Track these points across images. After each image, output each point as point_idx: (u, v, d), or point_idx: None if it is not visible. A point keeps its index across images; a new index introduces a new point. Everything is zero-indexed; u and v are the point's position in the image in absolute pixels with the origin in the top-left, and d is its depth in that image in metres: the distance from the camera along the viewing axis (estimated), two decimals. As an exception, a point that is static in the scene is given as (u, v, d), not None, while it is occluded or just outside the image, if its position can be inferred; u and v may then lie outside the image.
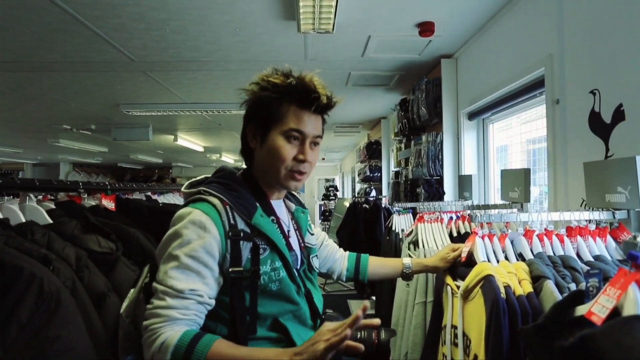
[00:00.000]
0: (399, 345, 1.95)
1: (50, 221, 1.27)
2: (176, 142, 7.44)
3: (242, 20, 2.53)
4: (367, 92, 4.36)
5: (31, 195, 1.38)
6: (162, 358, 0.83)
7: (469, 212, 2.07)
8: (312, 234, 1.21)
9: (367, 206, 4.04)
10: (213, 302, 0.93)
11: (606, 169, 1.36)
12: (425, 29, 2.55)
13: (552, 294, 0.95)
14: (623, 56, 1.44)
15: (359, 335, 1.00)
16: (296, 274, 1.02)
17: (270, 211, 1.05)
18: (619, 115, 1.45)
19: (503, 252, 1.23)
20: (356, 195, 6.99)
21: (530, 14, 2.12)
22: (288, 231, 1.10)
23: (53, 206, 1.40)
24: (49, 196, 1.55)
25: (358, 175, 7.64)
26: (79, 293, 0.99)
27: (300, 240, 1.13)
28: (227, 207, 0.96)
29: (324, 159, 12.77)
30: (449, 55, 3.17)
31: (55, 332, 0.88)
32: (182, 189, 1.05)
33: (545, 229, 1.29)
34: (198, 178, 1.09)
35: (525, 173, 1.84)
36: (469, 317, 1.12)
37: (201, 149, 9.02)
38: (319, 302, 1.11)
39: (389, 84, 4.00)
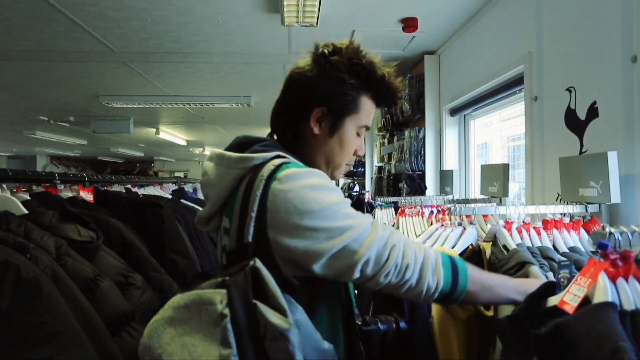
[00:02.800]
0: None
1: (26, 212, 1.24)
2: (158, 136, 7.32)
3: (226, 11, 2.50)
4: (351, 88, 4.37)
5: (4, 186, 1.34)
6: (438, 268, 0.80)
7: (449, 205, 2.11)
8: None
9: (350, 201, 4.06)
10: None
11: (580, 164, 1.40)
12: (409, 24, 2.57)
13: (537, 276, 0.99)
14: (597, 55, 1.48)
15: (374, 327, 0.94)
16: None
17: None
18: (593, 112, 1.49)
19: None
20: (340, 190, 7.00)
21: (510, 13, 2.16)
22: None
23: (28, 197, 1.36)
24: (22, 187, 1.51)
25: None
26: (62, 279, 0.97)
27: None
28: None
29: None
30: (432, 51, 3.20)
31: (40, 318, 0.85)
32: (217, 152, 0.89)
33: (524, 222, 1.32)
34: (242, 141, 0.91)
35: (504, 168, 1.88)
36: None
37: (184, 143, 8.90)
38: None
39: (373, 80, 4.01)
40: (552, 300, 0.79)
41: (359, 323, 0.95)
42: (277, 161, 0.80)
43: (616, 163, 1.27)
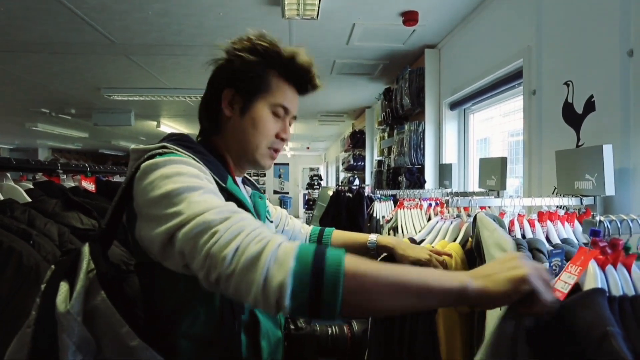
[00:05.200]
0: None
1: (30, 200, 1.26)
2: (159, 129, 7.33)
3: (227, 4, 2.50)
4: (352, 81, 4.38)
5: (8, 175, 1.36)
6: (283, 261, 0.58)
7: (447, 198, 2.13)
8: (272, 222, 1.11)
9: (350, 195, 4.08)
10: None
11: (576, 157, 1.42)
12: (409, 18, 2.57)
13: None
14: (594, 49, 1.49)
15: (330, 332, 0.93)
16: None
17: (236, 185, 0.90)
18: (589, 106, 1.50)
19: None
20: (340, 183, 7.03)
21: (510, 7, 2.16)
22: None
23: (31, 186, 1.38)
24: (26, 176, 1.53)
25: (342, 165, 7.68)
26: (60, 268, 0.99)
27: None
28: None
29: (308, 148, 12.77)
30: (432, 45, 3.20)
31: (39, 305, 0.87)
32: (132, 147, 0.82)
33: (518, 214, 1.34)
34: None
35: (502, 161, 1.89)
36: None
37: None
38: None
39: (374, 73, 4.01)
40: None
41: (292, 327, 0.96)
42: (153, 152, 0.77)
43: (611, 156, 1.29)
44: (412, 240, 1.33)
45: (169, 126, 7.48)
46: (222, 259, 0.59)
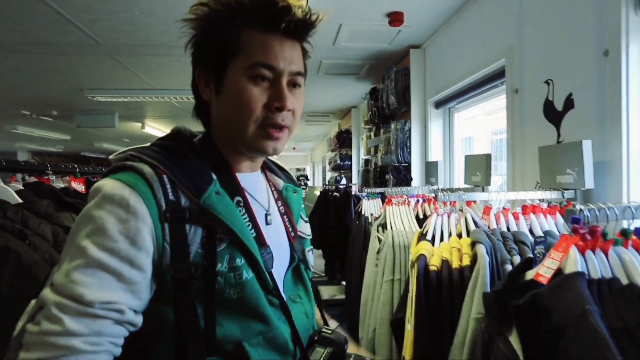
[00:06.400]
0: (367, 323, 2.04)
1: (20, 201, 1.26)
2: (143, 130, 7.25)
3: (214, 4, 2.51)
4: (338, 81, 4.42)
5: (-2, 176, 1.36)
6: None
7: (435, 194, 2.18)
8: (306, 221, 0.92)
9: (337, 194, 4.12)
10: (140, 320, 0.63)
11: (557, 152, 1.48)
12: (395, 18, 2.62)
13: (482, 256, 1.08)
14: (573, 49, 1.56)
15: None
16: (268, 277, 0.71)
17: (234, 189, 0.74)
18: (569, 103, 1.57)
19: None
20: (327, 183, 7.07)
21: (493, 8, 2.22)
22: (267, 215, 0.79)
23: (21, 187, 1.38)
24: (15, 177, 1.52)
25: (329, 164, 7.72)
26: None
27: (290, 229, 0.83)
28: (165, 176, 0.66)
29: (294, 148, 12.79)
30: (417, 45, 3.26)
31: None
32: (111, 157, 0.73)
33: (503, 208, 1.39)
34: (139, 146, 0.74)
35: (487, 158, 1.95)
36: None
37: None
38: (303, 318, 0.78)
39: (360, 73, 4.06)
40: (529, 274, 0.85)
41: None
42: (111, 167, 0.69)
43: (590, 151, 1.35)
44: (423, 237, 1.35)
45: (153, 127, 7.41)
46: (21, 353, 0.56)
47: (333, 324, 0.85)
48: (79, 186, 1.61)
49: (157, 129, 7.60)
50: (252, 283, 0.69)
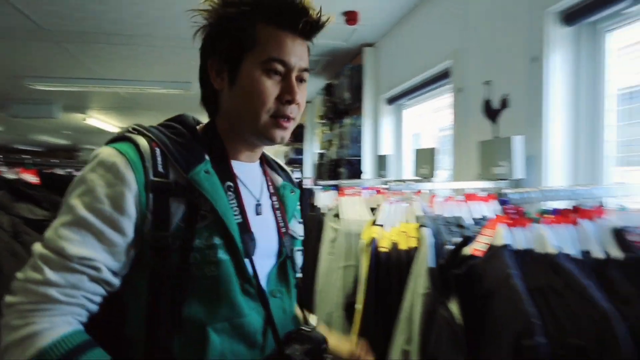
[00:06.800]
0: (322, 308, 2.15)
1: (-28, 191, 1.22)
2: (86, 122, 6.90)
3: (169, -6, 2.48)
4: (294, 76, 4.47)
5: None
6: (19, 358, 0.59)
7: (385, 186, 2.32)
8: (301, 223, 0.93)
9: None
10: (117, 281, 0.68)
11: (493, 146, 1.65)
12: (351, 17, 2.73)
13: (426, 237, 1.24)
14: (508, 54, 1.74)
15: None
16: (247, 264, 0.73)
17: (226, 174, 0.76)
18: (504, 103, 1.75)
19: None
20: (281, 178, 7.12)
21: (441, 11, 2.39)
22: (257, 206, 0.81)
23: (-30, 178, 1.33)
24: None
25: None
26: (21, 255, 1.00)
27: (282, 225, 0.85)
28: (158, 149, 0.70)
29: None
30: (371, 43, 3.39)
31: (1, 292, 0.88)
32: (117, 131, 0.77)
33: (449, 197, 1.54)
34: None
35: (433, 151, 2.12)
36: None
37: (116, 130, 8.46)
38: (280, 313, 0.80)
39: (315, 69, 4.14)
40: (468, 250, 0.99)
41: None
42: (115, 135, 0.75)
43: (521, 145, 1.53)
44: (374, 224, 1.45)
45: (98, 119, 7.06)
46: (5, 301, 0.62)
47: (313, 322, 0.86)
48: (32, 177, 1.57)
49: (102, 121, 7.25)
50: (226, 265, 0.71)
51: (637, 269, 0.79)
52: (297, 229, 0.91)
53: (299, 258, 0.88)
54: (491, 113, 1.84)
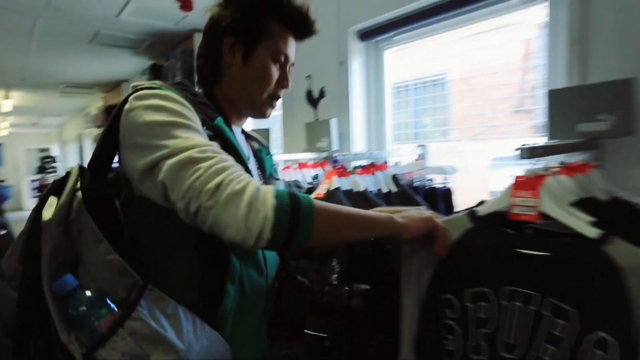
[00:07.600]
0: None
1: None
2: None
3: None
4: (112, 53, 4.22)
5: None
6: (264, 198, 0.66)
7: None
8: (278, 179, 1.08)
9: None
10: None
11: (316, 127, 2.20)
12: (185, 4, 2.87)
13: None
14: (324, 56, 2.29)
15: (326, 288, 0.92)
16: None
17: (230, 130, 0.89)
18: (322, 93, 2.31)
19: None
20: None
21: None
22: (248, 159, 0.90)
23: None
24: None
25: (95, 141, 7.04)
26: None
27: (261, 177, 1.01)
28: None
29: (35, 124, 10.69)
30: (201, 30, 3.56)
31: None
32: (130, 86, 0.80)
33: (287, 166, 2.01)
34: None
35: (268, 131, 2.56)
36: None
37: None
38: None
39: (138, 48, 4.04)
40: (313, 195, 1.46)
41: (284, 274, 0.93)
42: (143, 86, 0.79)
43: (336, 125, 2.10)
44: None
45: None
46: (205, 192, 0.65)
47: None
48: None
49: None
50: None
51: (404, 196, 1.40)
52: (278, 184, 1.06)
53: None
54: (312, 101, 2.39)
